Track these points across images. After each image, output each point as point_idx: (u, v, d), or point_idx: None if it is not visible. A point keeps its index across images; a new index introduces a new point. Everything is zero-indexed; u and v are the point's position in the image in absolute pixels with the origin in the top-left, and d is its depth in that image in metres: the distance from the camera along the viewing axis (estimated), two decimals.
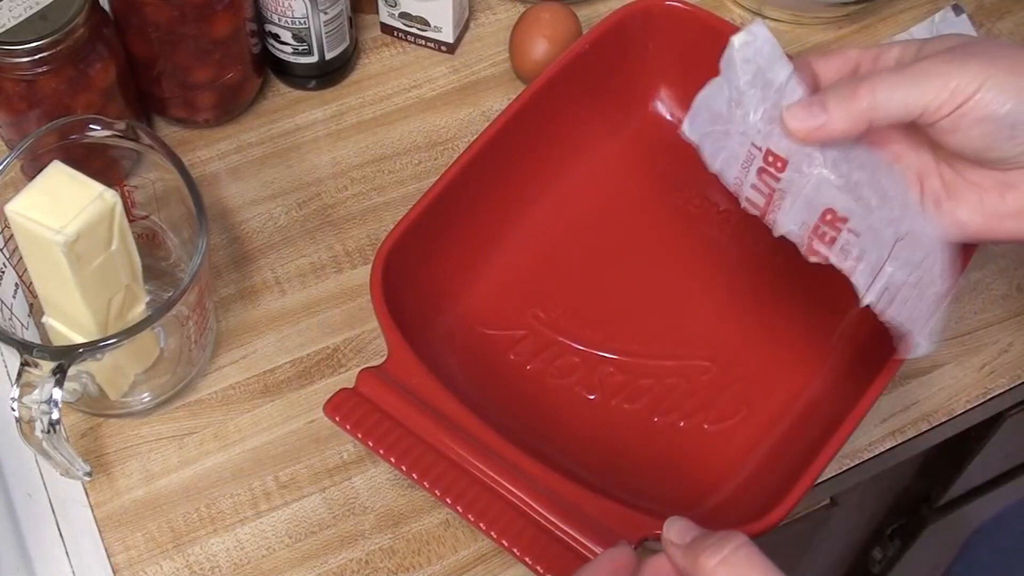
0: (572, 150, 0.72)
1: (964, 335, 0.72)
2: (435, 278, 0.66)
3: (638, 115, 0.75)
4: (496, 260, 0.69)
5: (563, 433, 0.64)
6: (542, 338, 0.68)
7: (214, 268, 0.72)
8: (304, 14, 0.74)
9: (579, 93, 0.71)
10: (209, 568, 0.63)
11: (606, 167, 0.73)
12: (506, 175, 0.69)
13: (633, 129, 0.74)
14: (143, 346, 0.65)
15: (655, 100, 0.75)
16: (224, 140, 0.78)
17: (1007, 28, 0.86)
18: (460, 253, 0.68)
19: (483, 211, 0.68)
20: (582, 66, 0.70)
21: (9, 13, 0.64)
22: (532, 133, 0.69)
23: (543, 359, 0.67)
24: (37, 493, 0.65)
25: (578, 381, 0.67)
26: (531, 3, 0.82)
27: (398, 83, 0.81)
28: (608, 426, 0.65)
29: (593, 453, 0.63)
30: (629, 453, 0.65)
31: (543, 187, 0.71)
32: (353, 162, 0.77)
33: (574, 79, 0.70)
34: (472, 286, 0.68)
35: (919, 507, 1.09)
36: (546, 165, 0.71)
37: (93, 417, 0.67)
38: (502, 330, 0.68)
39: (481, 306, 0.68)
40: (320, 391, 0.68)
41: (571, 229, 0.71)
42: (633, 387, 0.67)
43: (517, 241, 0.70)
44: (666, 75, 0.74)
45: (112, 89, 0.69)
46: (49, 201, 0.57)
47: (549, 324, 0.68)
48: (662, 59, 0.73)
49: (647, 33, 0.72)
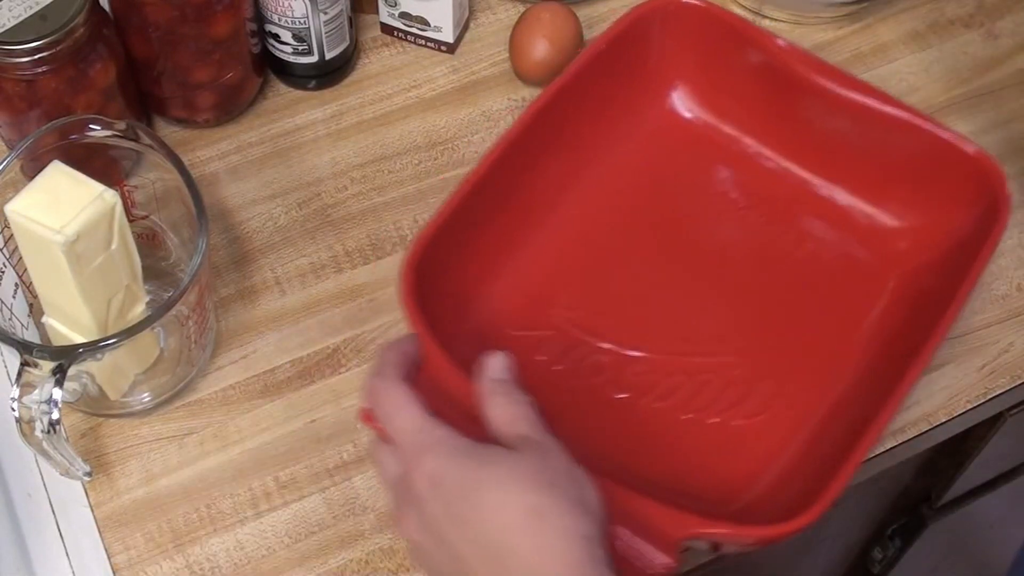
0: (592, 148, 0.72)
1: (964, 335, 0.72)
2: (460, 282, 0.65)
3: (656, 112, 0.74)
4: (520, 261, 0.69)
5: (593, 432, 0.63)
6: (569, 338, 0.67)
7: (214, 268, 0.72)
8: (304, 14, 0.74)
9: (597, 92, 0.71)
10: (209, 568, 0.63)
11: (626, 165, 0.73)
12: (526, 176, 0.68)
13: (652, 126, 0.74)
14: (143, 346, 0.65)
15: (673, 97, 0.75)
16: (224, 140, 0.78)
17: (1007, 28, 0.86)
18: (483, 256, 0.67)
19: (505, 213, 0.67)
20: (600, 65, 0.70)
21: (9, 13, 0.64)
22: (552, 133, 0.69)
23: (571, 359, 0.67)
24: (37, 493, 0.65)
25: (607, 380, 0.66)
26: (531, 3, 0.82)
27: (398, 83, 0.81)
28: (638, 424, 0.65)
29: (624, 452, 0.63)
30: (659, 451, 0.64)
31: (563, 187, 0.71)
32: (353, 162, 0.77)
33: (592, 78, 0.70)
34: (496, 288, 0.68)
35: (919, 507, 1.09)
36: (566, 165, 0.71)
37: (93, 417, 0.67)
38: (529, 331, 0.67)
39: (507, 308, 0.67)
40: (320, 391, 0.68)
41: (594, 228, 0.71)
42: (662, 385, 0.66)
43: (540, 241, 0.69)
44: (683, 72, 0.74)
45: (112, 89, 0.69)
46: (49, 201, 0.57)
47: (576, 323, 0.67)
48: (679, 56, 0.73)
49: (664, 31, 0.72)
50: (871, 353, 0.66)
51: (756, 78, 0.72)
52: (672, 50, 0.73)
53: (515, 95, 0.81)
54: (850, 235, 0.71)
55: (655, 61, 0.73)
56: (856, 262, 0.59)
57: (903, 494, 1.07)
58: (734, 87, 0.73)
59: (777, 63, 0.70)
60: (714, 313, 0.69)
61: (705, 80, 0.73)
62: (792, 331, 0.68)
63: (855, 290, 0.64)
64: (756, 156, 0.73)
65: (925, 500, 1.08)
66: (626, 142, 0.73)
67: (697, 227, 0.72)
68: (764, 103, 0.72)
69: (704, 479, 0.63)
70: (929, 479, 1.04)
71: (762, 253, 0.71)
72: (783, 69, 0.70)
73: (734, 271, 0.70)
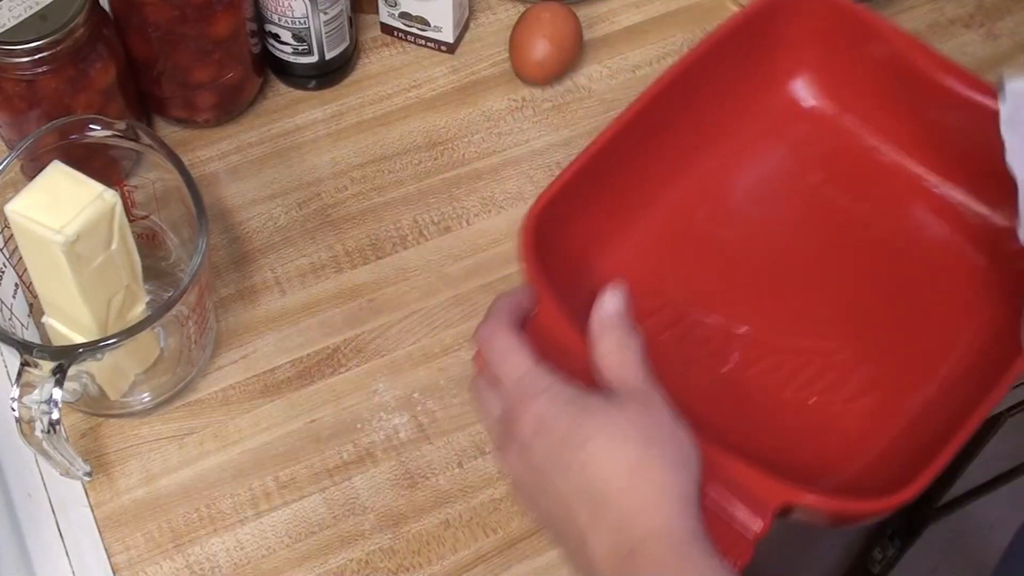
0: (711, 128, 0.73)
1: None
2: (577, 244, 0.67)
3: (777, 99, 0.76)
4: (633, 232, 0.70)
5: (695, 400, 0.64)
6: (679, 308, 0.69)
7: (214, 268, 0.72)
8: (304, 14, 0.74)
9: (721, 74, 0.72)
10: (209, 568, 0.63)
11: (744, 148, 0.74)
12: (647, 150, 0.70)
13: (771, 113, 0.75)
14: (143, 346, 0.65)
15: (794, 85, 0.76)
16: (224, 140, 0.78)
17: (1007, 28, 0.86)
18: (601, 222, 0.69)
19: (623, 183, 0.69)
20: (726, 48, 0.71)
21: (9, 13, 0.64)
22: (673, 111, 0.70)
23: (678, 329, 0.68)
24: (37, 493, 0.65)
25: (712, 353, 0.68)
26: (531, 3, 0.82)
27: (398, 83, 0.81)
28: (739, 397, 0.66)
29: (724, 422, 0.64)
30: (758, 425, 0.65)
31: (682, 164, 0.72)
32: (353, 162, 0.77)
33: (718, 60, 0.71)
34: (609, 256, 0.69)
35: (919, 507, 1.09)
36: (686, 142, 0.72)
37: (93, 417, 0.67)
38: (638, 299, 0.68)
39: (619, 274, 0.68)
40: (320, 391, 0.68)
41: (707, 206, 0.72)
42: (766, 362, 0.67)
43: (654, 215, 0.71)
44: (807, 61, 0.75)
45: (112, 89, 0.69)
46: (49, 201, 0.57)
47: (686, 295, 0.69)
48: (804, 45, 0.74)
49: (792, 19, 0.73)
50: (974, 350, 0.67)
51: (879, 71, 0.73)
52: (798, 39, 0.74)
53: (515, 95, 0.81)
54: (961, 233, 0.71)
55: (780, 48, 0.74)
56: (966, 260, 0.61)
57: None
58: (856, 79, 0.74)
59: (901, 57, 0.71)
60: (820, 299, 0.70)
61: (828, 70, 0.74)
62: (896, 323, 0.69)
63: (963, 287, 0.66)
64: (872, 149, 0.74)
65: (925, 500, 1.08)
66: (745, 125, 0.75)
67: (809, 214, 0.73)
68: (884, 97, 0.73)
69: (797, 456, 0.64)
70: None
71: (871, 245, 0.72)
72: (907, 64, 0.71)
73: (842, 260, 0.71)
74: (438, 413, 0.68)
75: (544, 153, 0.78)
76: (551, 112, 0.80)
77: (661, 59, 0.83)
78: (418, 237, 0.75)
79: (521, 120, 0.80)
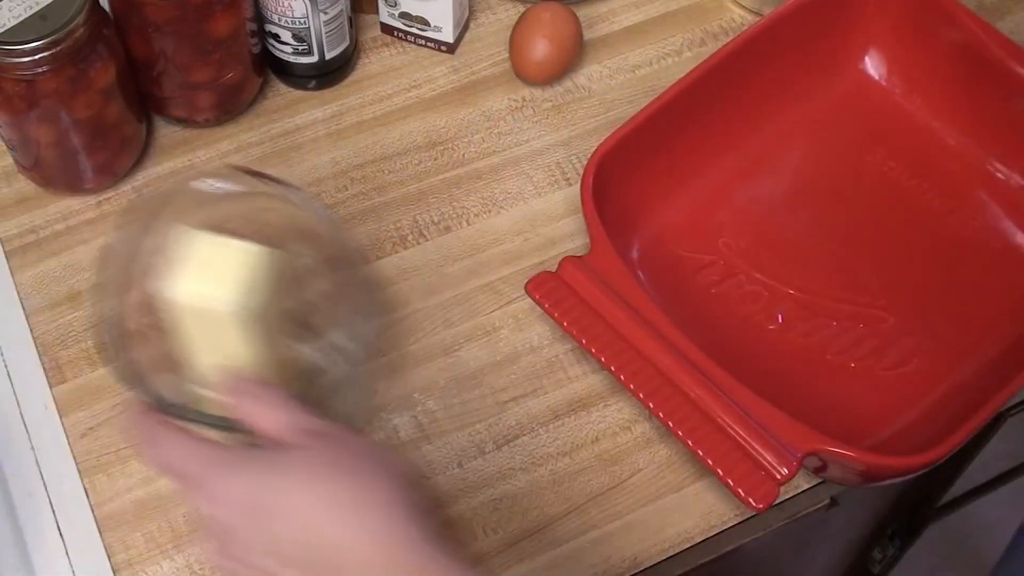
0: (779, 94, 0.75)
1: None
2: (635, 194, 0.70)
3: (848, 71, 0.78)
4: (693, 187, 0.73)
5: (738, 355, 0.67)
6: (730, 265, 0.71)
7: None
8: (304, 14, 0.74)
9: (794, 41, 0.74)
10: (209, 569, 0.63)
11: (810, 117, 0.76)
12: (715, 109, 0.72)
13: (841, 84, 0.77)
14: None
15: (866, 60, 0.78)
16: (224, 140, 0.78)
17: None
18: (661, 175, 0.71)
19: (687, 139, 0.71)
20: (802, 16, 0.73)
21: (9, 13, 0.64)
22: (742, 75, 0.72)
23: (729, 285, 0.71)
24: (37, 493, 0.65)
25: (760, 310, 0.70)
26: (531, 3, 0.82)
27: (398, 83, 0.81)
28: (782, 356, 0.69)
29: (765, 377, 0.65)
30: (798, 383, 0.67)
31: (745, 128, 0.75)
32: (353, 162, 0.77)
33: (792, 27, 0.73)
34: (669, 208, 0.72)
35: (919, 507, 1.09)
36: (751, 107, 0.74)
37: (93, 417, 0.67)
38: (693, 252, 0.72)
39: (675, 227, 0.72)
40: None
41: (769, 170, 0.75)
42: (812, 323, 0.70)
43: (716, 174, 0.73)
44: (881, 37, 0.77)
45: (112, 89, 0.69)
46: (206, 272, 0.52)
47: (738, 253, 0.72)
48: (879, 20, 0.76)
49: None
50: (1014, 334, 0.68)
51: (951, 54, 0.74)
52: (873, 13, 0.76)
53: (515, 95, 0.81)
54: (1017, 218, 0.73)
55: (856, 23, 0.76)
56: (1018, 245, 0.63)
57: (903, 494, 1.07)
58: (928, 60, 0.75)
59: (975, 43, 0.73)
60: (869, 269, 0.72)
61: (901, 48, 0.76)
62: (942, 300, 0.71)
63: (1013, 271, 0.68)
64: (938, 130, 0.76)
65: (925, 500, 1.08)
66: (813, 94, 0.76)
67: (868, 187, 0.75)
68: (955, 80, 0.74)
69: (834, 417, 0.65)
70: (929, 479, 1.04)
71: (928, 223, 0.73)
72: (980, 50, 0.72)
73: (896, 235, 0.73)
74: (438, 413, 0.68)
75: (544, 153, 0.78)
76: (551, 112, 0.80)
77: (661, 59, 0.83)
78: (418, 237, 0.75)
79: (521, 120, 0.80)
